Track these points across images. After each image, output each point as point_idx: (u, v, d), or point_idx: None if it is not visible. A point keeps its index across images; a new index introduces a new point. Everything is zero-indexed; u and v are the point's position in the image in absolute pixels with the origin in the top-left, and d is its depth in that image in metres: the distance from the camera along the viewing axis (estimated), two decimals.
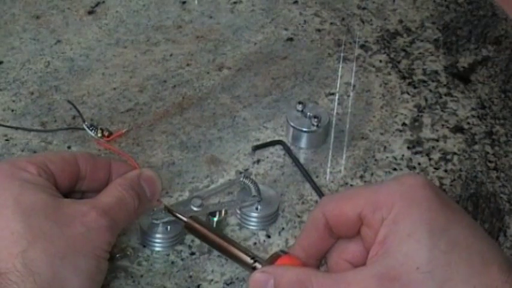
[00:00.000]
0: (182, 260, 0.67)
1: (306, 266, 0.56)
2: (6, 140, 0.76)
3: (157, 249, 0.67)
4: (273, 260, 0.57)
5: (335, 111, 0.81)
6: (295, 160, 0.75)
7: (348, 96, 0.83)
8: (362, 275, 0.52)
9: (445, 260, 0.50)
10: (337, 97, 0.83)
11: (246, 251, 0.60)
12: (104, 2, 0.93)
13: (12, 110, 0.79)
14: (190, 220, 0.64)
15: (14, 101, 0.80)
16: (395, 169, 0.75)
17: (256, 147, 0.76)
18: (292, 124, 0.76)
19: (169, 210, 0.65)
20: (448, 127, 0.81)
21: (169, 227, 0.67)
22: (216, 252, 0.67)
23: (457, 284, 0.50)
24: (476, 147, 0.79)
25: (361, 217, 0.54)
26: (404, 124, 0.81)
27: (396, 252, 0.51)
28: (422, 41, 0.91)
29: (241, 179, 0.70)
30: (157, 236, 0.67)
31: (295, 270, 0.55)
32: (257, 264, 0.58)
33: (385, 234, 0.52)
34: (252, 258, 0.59)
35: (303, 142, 0.76)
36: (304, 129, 0.76)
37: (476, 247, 0.51)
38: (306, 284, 0.53)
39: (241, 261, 0.60)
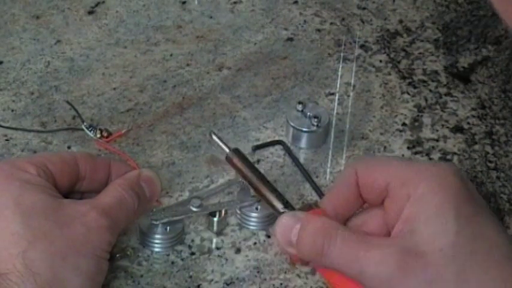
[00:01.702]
0: (182, 260, 0.67)
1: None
2: (6, 140, 0.76)
3: (156, 249, 0.67)
4: (304, 209, 0.57)
5: (335, 111, 0.81)
6: (295, 160, 0.75)
7: (348, 96, 0.83)
8: (386, 244, 0.52)
9: (469, 248, 0.50)
10: (337, 97, 0.83)
11: (280, 197, 0.59)
12: (104, 2, 0.93)
13: (12, 110, 0.79)
14: (232, 153, 0.64)
15: (14, 101, 0.80)
16: None
17: (256, 147, 0.76)
18: (292, 124, 0.76)
19: (213, 139, 0.65)
20: (448, 127, 0.81)
21: (168, 227, 0.67)
22: (216, 252, 0.67)
23: (476, 273, 0.50)
24: (476, 147, 0.79)
25: (388, 188, 0.54)
26: (404, 124, 0.81)
27: (423, 231, 0.51)
28: (422, 41, 0.91)
29: (241, 179, 0.70)
30: (157, 236, 0.66)
31: (322, 219, 0.55)
32: (287, 211, 0.58)
33: (411, 212, 0.52)
34: (285, 205, 0.59)
35: (303, 142, 0.76)
36: (304, 129, 0.76)
37: (498, 242, 0.51)
38: (330, 234, 0.53)
39: (272, 206, 0.59)
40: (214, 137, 0.65)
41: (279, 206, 0.59)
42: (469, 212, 0.52)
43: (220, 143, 0.65)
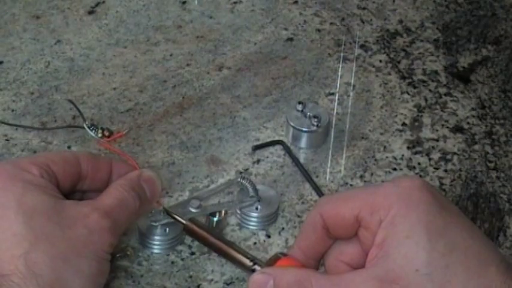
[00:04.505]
0: (182, 260, 0.67)
1: (304, 268, 0.57)
2: (7, 139, 0.76)
3: (156, 251, 0.67)
4: (272, 262, 0.57)
5: (335, 111, 0.81)
6: (295, 160, 0.75)
7: (348, 96, 0.83)
8: (361, 277, 0.52)
9: (444, 262, 0.50)
10: (337, 97, 0.83)
11: (245, 254, 0.60)
12: (104, 2, 0.93)
13: (12, 110, 0.79)
14: (189, 223, 0.64)
15: (14, 101, 0.80)
16: (395, 169, 0.75)
17: (256, 147, 0.76)
18: (292, 124, 0.76)
19: (168, 213, 0.65)
20: (448, 127, 0.81)
21: (168, 228, 0.67)
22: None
23: (455, 286, 0.50)
24: (476, 147, 0.79)
25: (358, 219, 0.54)
26: (404, 124, 0.81)
27: (395, 255, 0.51)
28: (422, 41, 0.91)
29: (239, 179, 0.70)
30: (156, 238, 0.66)
31: (294, 271, 0.55)
32: (256, 267, 0.59)
33: (383, 237, 0.52)
34: (252, 260, 0.59)
35: (303, 142, 0.77)
36: (304, 129, 0.76)
37: (474, 249, 0.51)
38: (305, 285, 0.53)
39: (241, 264, 0.60)
40: (169, 211, 0.65)
41: (247, 262, 0.59)
42: (441, 225, 0.51)
43: (176, 216, 0.65)
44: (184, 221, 0.64)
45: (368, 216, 0.54)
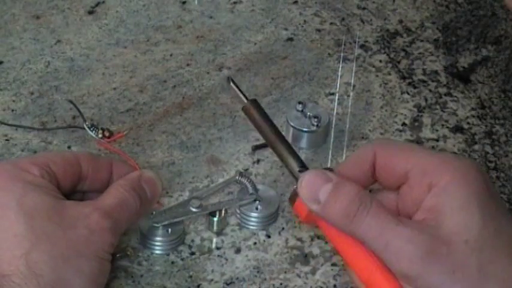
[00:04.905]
0: (182, 260, 0.67)
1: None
2: (6, 139, 0.76)
3: (158, 252, 0.67)
4: None
5: (335, 111, 0.81)
6: None
7: (348, 96, 0.83)
8: (415, 226, 0.52)
9: (492, 242, 0.51)
10: (337, 97, 0.83)
11: (296, 156, 0.57)
12: (104, 2, 0.93)
13: (12, 110, 0.79)
14: (249, 104, 0.61)
15: (14, 101, 0.80)
16: None
17: (256, 147, 0.76)
18: (292, 124, 0.76)
19: (232, 86, 0.62)
20: (448, 127, 0.81)
21: (169, 229, 0.67)
22: (216, 252, 0.67)
23: (498, 267, 0.51)
24: (476, 147, 0.79)
25: (408, 175, 0.54)
26: (404, 124, 0.81)
27: (448, 222, 0.51)
28: (422, 41, 0.91)
29: (237, 177, 0.70)
30: (158, 239, 0.66)
31: (357, 186, 0.54)
32: (303, 171, 0.56)
33: (435, 202, 0.52)
34: (300, 166, 0.57)
35: (303, 142, 0.77)
36: (304, 129, 0.76)
37: None
38: (365, 203, 0.52)
39: (288, 164, 0.57)
40: (232, 85, 0.62)
41: (294, 166, 0.56)
42: (492, 209, 0.52)
43: (238, 92, 0.62)
44: (245, 99, 0.61)
45: (418, 176, 0.53)
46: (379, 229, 0.52)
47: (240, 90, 0.63)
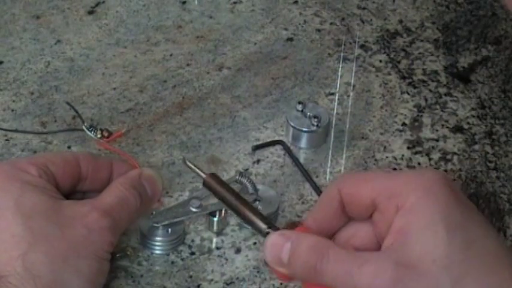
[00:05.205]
0: (182, 260, 0.67)
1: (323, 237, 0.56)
2: (6, 140, 0.76)
3: (158, 252, 0.67)
4: (289, 228, 0.56)
5: (335, 111, 0.81)
6: (295, 160, 0.75)
7: (348, 96, 0.83)
8: (379, 258, 0.51)
9: (461, 256, 0.50)
10: (337, 97, 0.83)
11: (262, 217, 0.58)
12: (104, 2, 0.93)
13: (12, 110, 0.79)
14: (209, 178, 0.63)
15: (14, 101, 0.80)
16: (395, 169, 0.75)
17: (256, 147, 0.76)
18: (292, 124, 0.76)
19: (188, 165, 0.64)
20: (448, 127, 0.81)
21: (169, 229, 0.67)
22: (216, 252, 0.67)
23: (471, 282, 0.50)
24: (476, 147, 0.79)
25: (375, 202, 0.54)
26: (404, 124, 0.81)
27: (413, 243, 0.51)
28: (422, 41, 0.91)
29: (237, 177, 0.70)
30: (158, 239, 0.66)
31: (313, 237, 0.54)
32: (271, 231, 0.57)
33: (401, 224, 0.52)
34: (267, 224, 0.57)
35: (303, 142, 0.77)
36: (304, 129, 0.76)
37: (489, 247, 0.51)
38: (323, 253, 0.52)
39: (255, 226, 0.58)
40: (189, 164, 0.65)
41: (262, 225, 0.58)
42: (459, 220, 0.51)
43: (196, 169, 0.64)
44: (203, 175, 0.63)
45: (385, 201, 0.53)
46: (344, 273, 0.52)
47: (197, 167, 0.64)
